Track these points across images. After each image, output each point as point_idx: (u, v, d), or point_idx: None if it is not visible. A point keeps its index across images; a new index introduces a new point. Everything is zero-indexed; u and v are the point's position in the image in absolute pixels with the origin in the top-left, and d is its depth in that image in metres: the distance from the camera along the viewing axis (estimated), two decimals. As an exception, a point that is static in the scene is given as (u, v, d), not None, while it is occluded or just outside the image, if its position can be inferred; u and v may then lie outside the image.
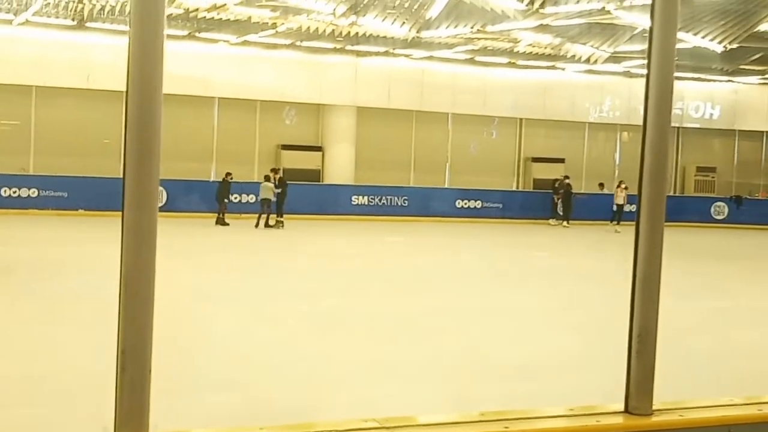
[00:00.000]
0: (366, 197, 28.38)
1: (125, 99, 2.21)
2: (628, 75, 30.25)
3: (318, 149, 29.16)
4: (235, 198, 25.50)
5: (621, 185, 28.08)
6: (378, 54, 28.11)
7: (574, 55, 25.49)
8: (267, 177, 24.51)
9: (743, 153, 34.87)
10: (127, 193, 2.22)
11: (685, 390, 7.55)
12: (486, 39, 24.75)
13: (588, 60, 25.54)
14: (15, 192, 24.85)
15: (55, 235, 20.33)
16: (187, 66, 25.57)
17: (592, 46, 23.79)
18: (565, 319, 12.21)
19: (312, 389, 8.08)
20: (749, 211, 31.64)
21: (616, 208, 27.53)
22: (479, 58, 28.75)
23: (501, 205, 29.68)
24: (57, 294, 12.51)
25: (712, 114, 33.45)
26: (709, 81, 32.38)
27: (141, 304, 2.27)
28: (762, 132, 33.99)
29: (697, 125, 33.43)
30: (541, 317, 12.38)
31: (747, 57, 26.57)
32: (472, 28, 21.65)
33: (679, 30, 19.76)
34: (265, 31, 24.71)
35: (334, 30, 23.45)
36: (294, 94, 28.13)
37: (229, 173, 24.92)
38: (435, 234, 24.74)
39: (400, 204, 28.64)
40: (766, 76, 31.22)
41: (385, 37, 24.52)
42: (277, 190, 24.08)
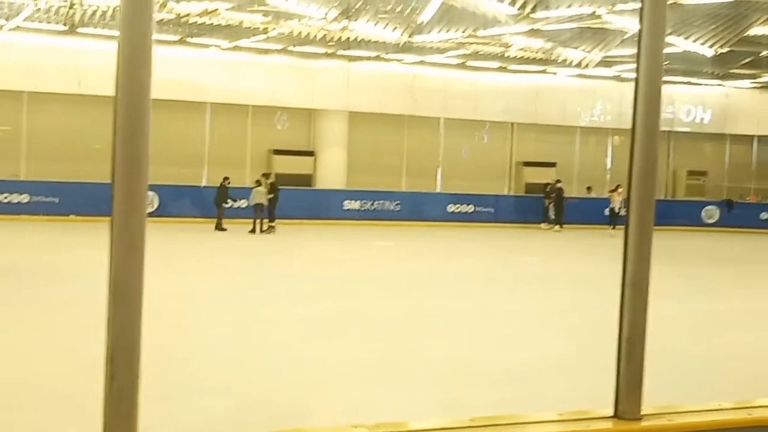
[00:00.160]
0: (358, 202, 28.39)
1: (114, 104, 2.20)
2: (619, 79, 30.33)
3: (310, 154, 29.16)
4: (232, 203, 25.36)
5: (618, 189, 28.14)
6: (369, 59, 28.13)
7: (565, 60, 25.55)
8: (258, 182, 24.49)
9: (734, 157, 35.00)
10: (116, 199, 2.21)
11: (676, 394, 7.56)
12: (477, 43, 24.79)
13: (579, 64, 25.60)
14: (6, 198, 24.78)
15: (47, 241, 20.27)
16: (179, 71, 25.57)
17: (583, 50, 23.86)
18: (557, 324, 12.22)
19: (304, 393, 8.07)
20: (740, 215, 31.74)
21: (609, 212, 27.56)
22: (471, 62, 28.80)
23: (493, 210, 29.71)
24: (48, 299, 12.47)
25: (703, 118, 33.58)
26: (700, 85, 32.51)
27: (129, 310, 2.26)
28: (752, 136, 34.13)
29: (688, 129, 33.56)
30: (533, 321, 12.39)
31: (737, 61, 26.68)
32: (463, 32, 21.70)
33: (670, 34, 19.87)
34: (257, 36, 24.71)
35: (325, 35, 23.46)
36: (286, 98, 28.15)
37: (227, 178, 24.90)
38: (427, 238, 24.75)
39: (392, 209, 28.64)
40: (756, 79, 31.34)
41: (377, 42, 24.55)
42: (269, 195, 24.06)
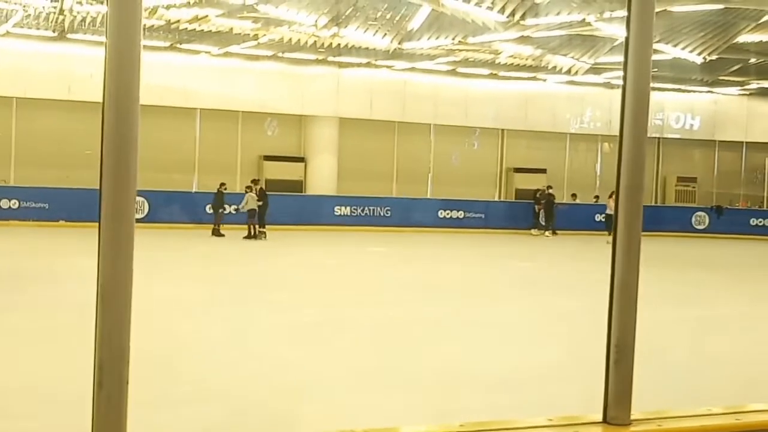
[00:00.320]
0: (348, 208, 28.39)
1: (102, 109, 2.20)
2: (608, 86, 30.44)
3: (300, 160, 29.16)
4: (225, 209, 25.26)
5: (613, 195, 28.21)
6: (360, 65, 28.17)
7: (555, 67, 25.63)
8: (249, 188, 24.49)
9: (723, 163, 35.13)
10: (104, 205, 2.20)
11: (665, 400, 7.57)
12: (467, 50, 24.85)
13: (569, 71, 25.69)
14: (-5, 203, 24.72)
15: (36, 247, 20.20)
16: (169, 77, 25.55)
17: (572, 57, 23.94)
18: (548, 329, 12.23)
19: (295, 399, 8.05)
20: (730, 221, 31.86)
21: (605, 218, 27.53)
22: (461, 69, 28.86)
23: (483, 216, 29.74)
24: (38, 305, 12.43)
25: (692, 125, 33.72)
26: (689, 92, 32.65)
27: (118, 316, 2.25)
28: (741, 142, 34.27)
29: (678, 136, 33.69)
30: (524, 327, 12.40)
31: (726, 68, 26.80)
32: (453, 39, 21.76)
33: (660, 41, 19.95)
34: (247, 43, 24.73)
35: (316, 41, 23.49)
36: (276, 105, 28.15)
37: (223, 184, 24.89)
38: (417, 244, 24.76)
39: (382, 214, 28.66)
40: (745, 87, 31.50)
41: (367, 49, 24.58)
42: (259, 202, 24.06)
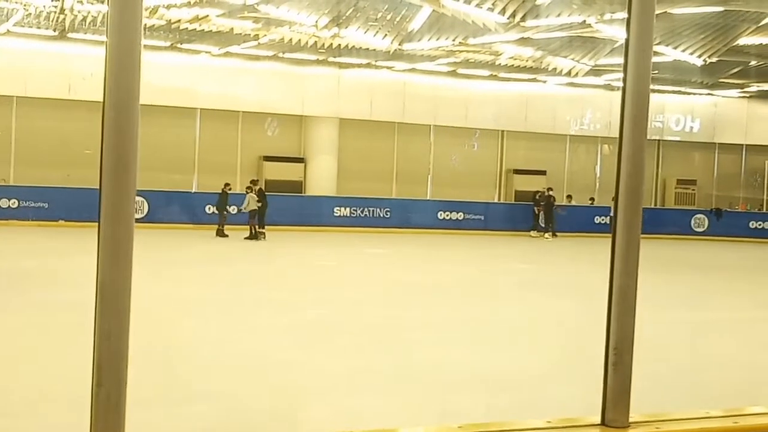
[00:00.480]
0: (348, 209, 28.38)
1: (102, 109, 2.19)
2: (608, 88, 30.45)
3: (300, 161, 29.16)
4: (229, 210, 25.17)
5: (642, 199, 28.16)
6: (360, 66, 28.17)
7: (555, 68, 25.63)
8: (249, 188, 24.48)
9: (723, 166, 35.14)
10: (103, 204, 2.20)
11: (663, 402, 7.58)
12: (468, 51, 24.85)
13: (569, 73, 25.69)
14: (-6, 203, 24.72)
15: (36, 246, 20.20)
16: (170, 77, 25.56)
17: (573, 59, 23.95)
18: (546, 331, 12.24)
19: (292, 400, 8.05)
20: (729, 224, 31.87)
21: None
22: (461, 70, 28.86)
23: (482, 217, 29.74)
24: (37, 305, 12.42)
25: (692, 127, 33.73)
26: (689, 94, 32.66)
27: (117, 316, 2.25)
28: (741, 145, 34.28)
29: (678, 138, 33.70)
30: (522, 329, 12.40)
31: (726, 71, 26.80)
32: (453, 40, 21.76)
33: (660, 44, 19.96)
34: (248, 43, 24.72)
35: (316, 42, 23.49)
36: (276, 105, 28.15)
37: (228, 184, 24.87)
38: (417, 245, 24.76)
39: (382, 215, 28.65)
40: (745, 89, 31.50)
41: (368, 49, 24.58)
42: (258, 203, 24.05)
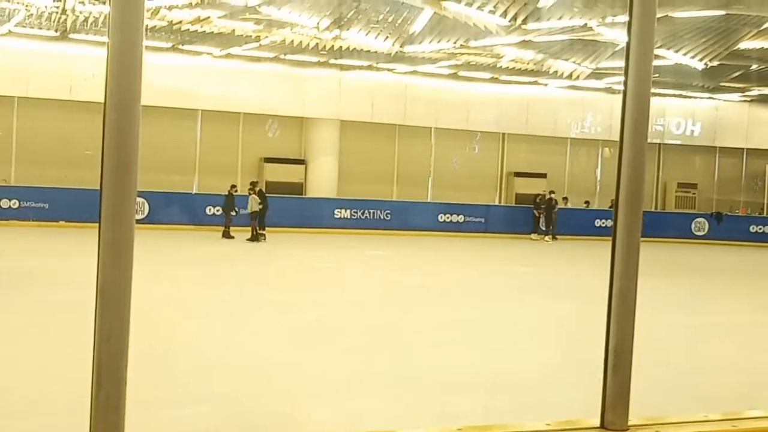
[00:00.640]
0: (349, 211, 28.38)
1: (103, 110, 2.20)
2: (609, 91, 30.44)
3: (301, 162, 29.17)
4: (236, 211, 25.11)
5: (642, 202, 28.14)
6: (361, 68, 28.18)
7: (556, 71, 25.63)
8: (251, 190, 24.48)
9: (724, 170, 35.15)
10: (104, 205, 2.21)
11: (663, 405, 7.58)
12: (469, 54, 24.85)
13: (570, 76, 25.69)
14: (-5, 203, 24.72)
15: (36, 247, 20.20)
16: (171, 78, 25.57)
17: (574, 62, 23.94)
18: (546, 334, 12.23)
19: (293, 402, 8.05)
20: (729, 228, 31.88)
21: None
22: (462, 73, 28.86)
23: (483, 220, 29.74)
24: (37, 305, 12.42)
25: (693, 131, 33.73)
26: (690, 98, 32.66)
27: (117, 317, 2.25)
28: (742, 149, 34.28)
29: (678, 142, 33.70)
30: (522, 332, 12.39)
31: (727, 74, 26.80)
32: (455, 43, 21.76)
33: (661, 47, 19.96)
34: (249, 44, 24.73)
35: (317, 44, 23.48)
36: (277, 107, 28.17)
37: (234, 186, 24.86)
38: (417, 248, 24.75)
39: (382, 218, 28.65)
40: (746, 93, 31.50)
41: (369, 52, 24.58)
42: (260, 205, 24.07)
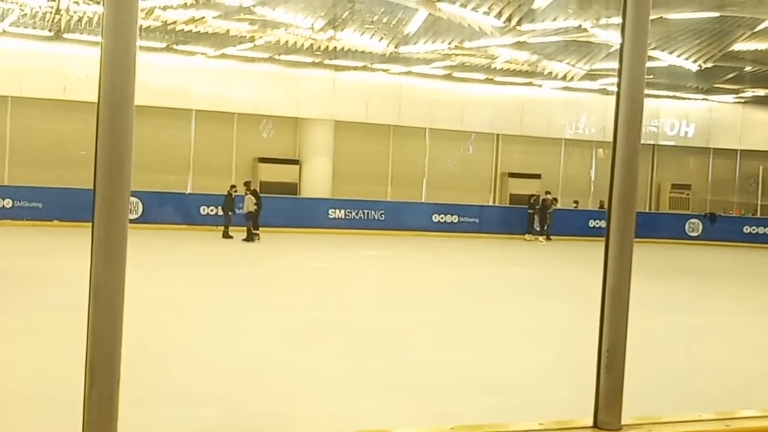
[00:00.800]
0: (343, 211, 28.37)
1: (97, 110, 2.20)
2: (604, 92, 30.50)
3: (295, 162, 29.16)
4: (235, 211, 25.01)
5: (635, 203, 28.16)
6: (356, 68, 28.18)
7: (550, 72, 25.67)
8: (247, 190, 24.45)
9: (718, 171, 35.23)
10: (98, 205, 2.21)
11: (658, 406, 7.59)
12: (463, 55, 24.87)
13: (564, 77, 25.72)
14: (-11, 202, 24.67)
15: (30, 246, 20.16)
16: (165, 78, 25.55)
17: (568, 63, 23.98)
18: (540, 334, 12.25)
19: (288, 402, 8.05)
20: (723, 228, 31.93)
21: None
22: (457, 73, 28.88)
23: (477, 220, 29.75)
24: (31, 305, 12.40)
25: (687, 132, 33.80)
26: (685, 99, 32.73)
27: (110, 316, 2.25)
28: (736, 150, 34.36)
29: (672, 143, 33.77)
30: (515, 332, 12.41)
31: (721, 76, 26.87)
32: (449, 44, 21.77)
33: (655, 48, 19.99)
34: (243, 45, 24.72)
35: (312, 44, 23.49)
36: (272, 107, 28.16)
37: (234, 186, 24.81)
38: (411, 248, 24.76)
39: (377, 218, 28.64)
40: (740, 94, 31.57)
41: (363, 52, 24.60)
42: (255, 205, 24.04)
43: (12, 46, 24.84)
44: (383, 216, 28.74)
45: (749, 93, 30.96)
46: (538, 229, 29.47)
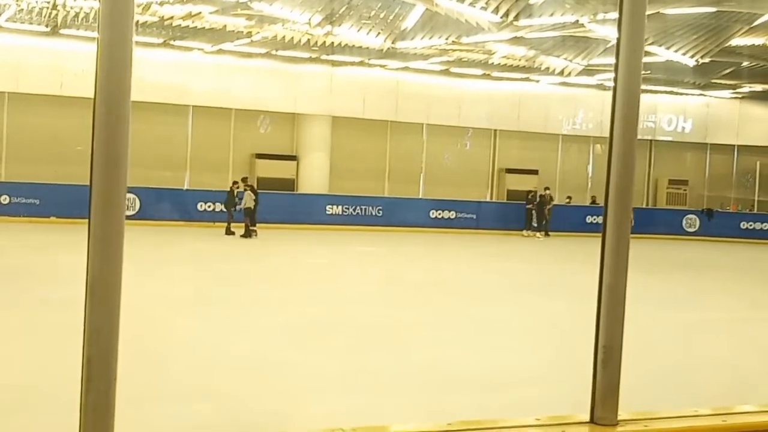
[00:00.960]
0: (340, 207, 28.37)
1: (93, 105, 2.19)
2: (601, 88, 30.50)
3: (293, 158, 29.14)
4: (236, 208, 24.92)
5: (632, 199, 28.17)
6: (353, 64, 28.16)
7: (548, 68, 25.66)
8: (247, 186, 24.40)
9: (715, 166, 35.25)
10: (94, 201, 2.20)
11: (655, 401, 7.61)
12: (461, 50, 24.87)
13: (562, 72, 25.72)
14: (-15, 199, 24.64)
15: (27, 243, 20.14)
16: (162, 74, 25.52)
17: (565, 58, 23.98)
18: (537, 330, 12.26)
19: (286, 399, 8.06)
20: (720, 224, 31.96)
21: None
22: (454, 69, 28.88)
23: (475, 216, 29.75)
24: (28, 301, 12.39)
25: (684, 127, 33.82)
26: (682, 95, 32.74)
27: (107, 313, 2.24)
28: (733, 146, 34.38)
29: (670, 138, 33.80)
30: (513, 328, 12.42)
31: (719, 71, 26.88)
32: (447, 39, 21.76)
33: (652, 44, 19.99)
34: (241, 40, 24.69)
35: (309, 39, 23.47)
36: (269, 103, 28.14)
37: (236, 182, 24.80)
38: (409, 244, 24.77)
39: (374, 214, 28.64)
40: (737, 90, 31.59)
41: (361, 48, 24.58)
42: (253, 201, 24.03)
43: (8, 41, 24.81)
44: (380, 212, 28.74)
45: (746, 88, 30.99)
46: (535, 225, 29.48)
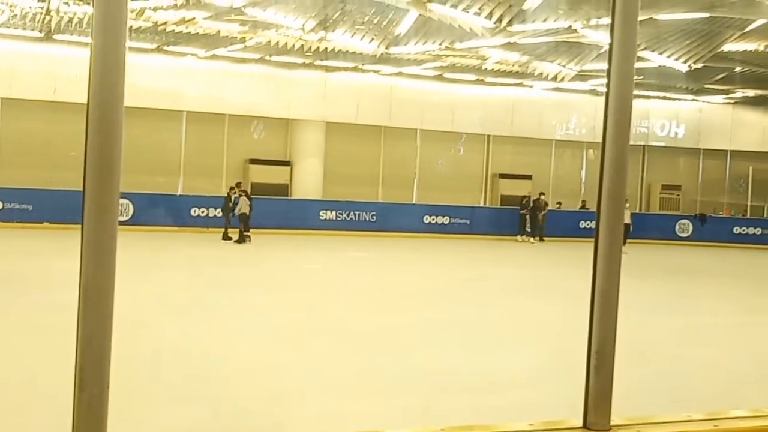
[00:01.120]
0: (334, 212, 28.36)
1: (86, 110, 2.20)
2: (594, 93, 30.56)
3: (286, 164, 29.14)
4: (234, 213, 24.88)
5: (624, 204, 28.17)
6: (347, 69, 28.18)
7: (541, 73, 25.72)
8: (243, 191, 24.37)
9: (708, 171, 35.34)
10: (87, 206, 2.20)
11: (647, 406, 7.61)
12: (454, 56, 24.90)
13: (555, 78, 25.77)
14: (-22, 205, 24.58)
15: (20, 248, 20.09)
16: (156, 79, 25.50)
17: (559, 64, 24.03)
18: (530, 335, 12.27)
19: (280, 403, 8.05)
20: (713, 229, 32.03)
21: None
22: (447, 74, 28.91)
23: (468, 221, 29.77)
24: (20, 307, 12.36)
25: (677, 132, 33.90)
26: (675, 100, 32.83)
27: (100, 318, 2.25)
28: (726, 151, 34.47)
29: (663, 143, 33.87)
30: (506, 333, 12.43)
31: (711, 76, 26.95)
32: (440, 44, 21.80)
33: (645, 49, 20.05)
34: (234, 46, 24.70)
35: (303, 45, 23.49)
36: (263, 108, 28.14)
37: (233, 188, 24.75)
38: (402, 249, 24.77)
39: (368, 219, 28.64)
40: (730, 95, 31.68)
41: (354, 53, 24.60)
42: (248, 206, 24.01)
43: (2, 47, 24.78)
44: (374, 217, 28.74)
45: (739, 94, 31.07)
46: (529, 230, 29.50)
